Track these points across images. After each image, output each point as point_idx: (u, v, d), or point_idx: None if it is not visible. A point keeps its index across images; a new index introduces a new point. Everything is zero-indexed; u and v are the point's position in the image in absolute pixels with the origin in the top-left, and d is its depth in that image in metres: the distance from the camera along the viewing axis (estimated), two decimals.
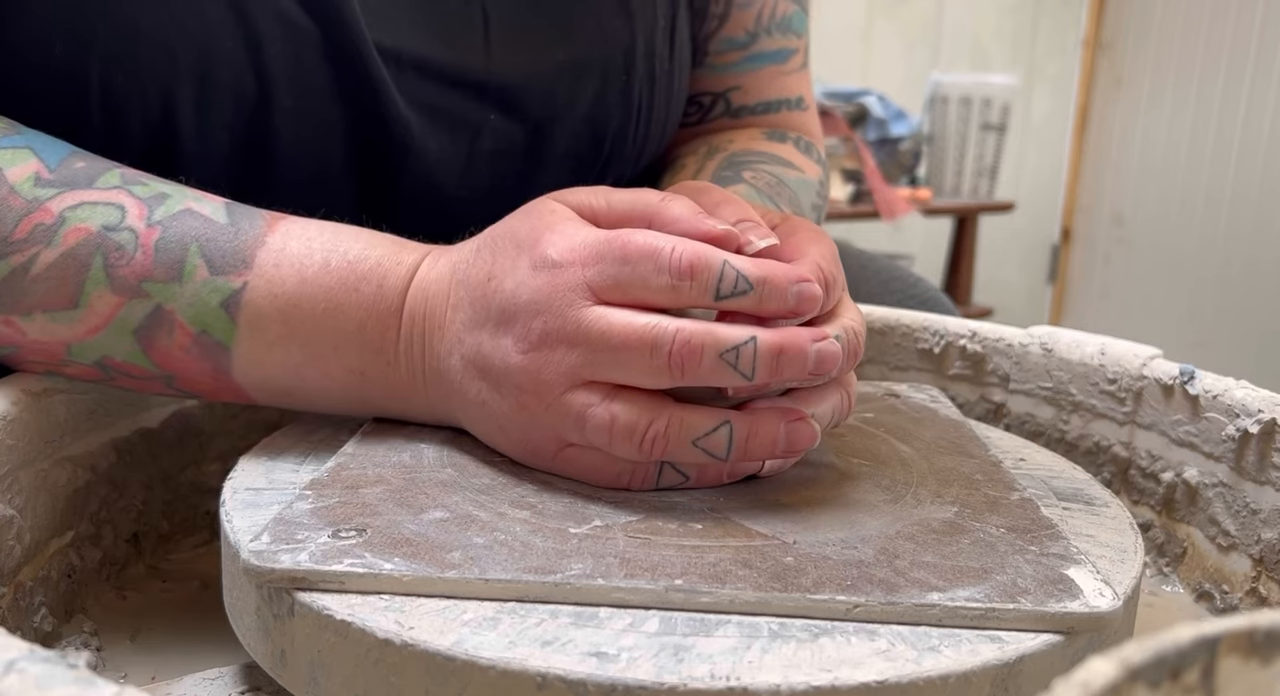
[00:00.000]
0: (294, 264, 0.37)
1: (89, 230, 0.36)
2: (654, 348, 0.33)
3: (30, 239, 0.36)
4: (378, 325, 0.38)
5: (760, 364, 0.33)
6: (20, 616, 0.36)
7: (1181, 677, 0.17)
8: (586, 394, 0.34)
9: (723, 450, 0.34)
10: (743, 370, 0.33)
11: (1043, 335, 0.52)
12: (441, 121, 0.49)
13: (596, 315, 0.33)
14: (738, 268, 0.34)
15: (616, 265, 0.33)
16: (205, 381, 0.38)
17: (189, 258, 0.36)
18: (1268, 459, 0.41)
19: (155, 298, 0.36)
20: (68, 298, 0.36)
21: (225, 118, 0.44)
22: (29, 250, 0.36)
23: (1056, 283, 3.14)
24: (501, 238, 0.37)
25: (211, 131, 0.44)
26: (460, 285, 0.37)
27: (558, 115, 0.52)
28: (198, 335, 0.37)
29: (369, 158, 0.48)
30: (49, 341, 0.37)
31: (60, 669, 0.18)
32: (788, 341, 0.33)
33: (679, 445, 0.34)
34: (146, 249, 0.36)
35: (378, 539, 0.30)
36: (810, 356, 0.33)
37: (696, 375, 0.33)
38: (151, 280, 0.36)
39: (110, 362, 0.37)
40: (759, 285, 0.34)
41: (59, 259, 0.36)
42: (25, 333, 0.37)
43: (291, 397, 0.39)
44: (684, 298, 0.34)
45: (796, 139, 0.64)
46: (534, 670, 0.25)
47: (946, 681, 0.26)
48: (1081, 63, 3.00)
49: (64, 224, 0.36)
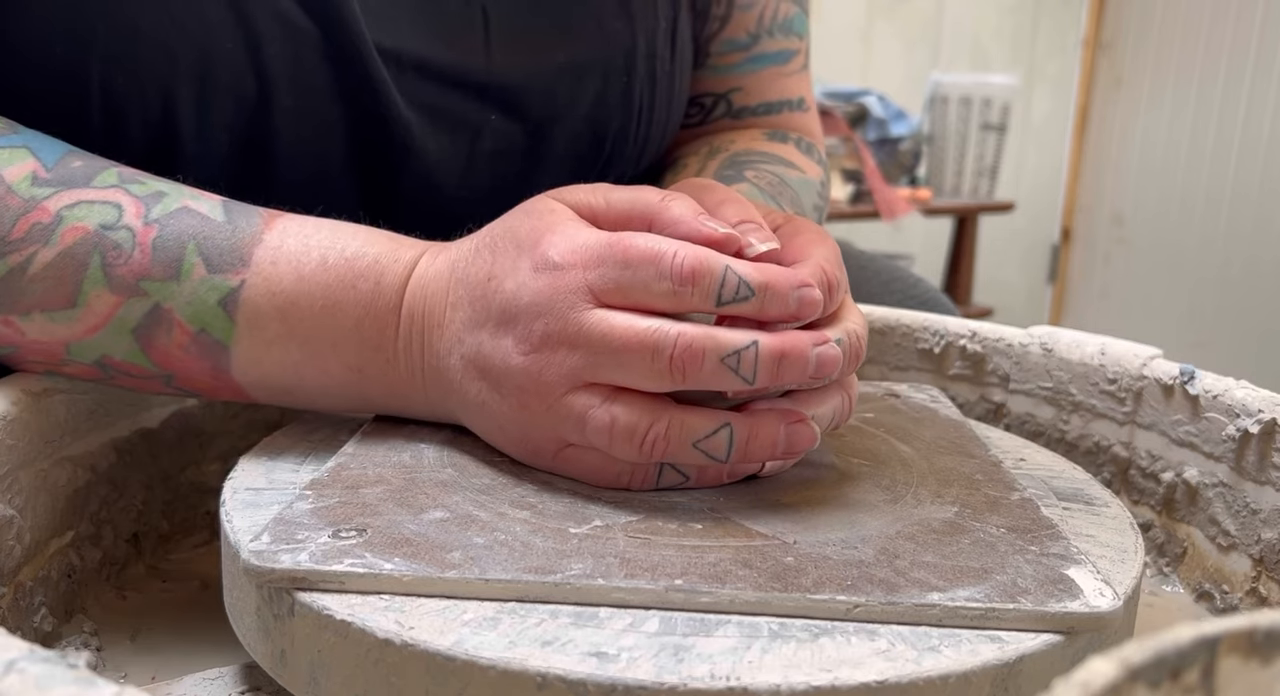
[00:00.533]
0: (291, 261, 0.37)
1: (86, 229, 0.36)
2: (655, 351, 0.33)
3: (28, 238, 0.36)
4: (376, 323, 0.38)
5: (761, 368, 0.33)
6: (20, 616, 0.36)
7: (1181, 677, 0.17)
8: (587, 396, 0.34)
9: (723, 452, 0.34)
10: (744, 374, 0.33)
11: (1043, 335, 0.52)
12: (442, 122, 0.49)
13: (598, 318, 0.33)
14: (739, 273, 0.33)
15: (618, 269, 0.33)
16: (204, 380, 0.38)
17: (187, 256, 0.36)
18: (1268, 459, 0.41)
19: (153, 296, 0.36)
20: (66, 297, 0.36)
21: (225, 118, 0.44)
22: (26, 250, 0.36)
23: (1056, 283, 3.14)
24: (501, 237, 0.37)
25: (212, 132, 0.44)
26: (460, 284, 0.37)
27: (558, 116, 0.52)
28: (196, 334, 0.37)
29: (369, 158, 0.48)
30: (48, 341, 0.37)
31: (60, 669, 0.18)
32: (789, 346, 0.33)
33: (679, 447, 0.34)
34: (144, 247, 0.36)
35: (378, 539, 0.30)
36: (811, 360, 0.33)
37: (697, 379, 0.33)
38: (149, 279, 0.36)
39: (109, 362, 0.37)
40: (761, 291, 0.33)
41: (57, 258, 0.36)
42: (24, 332, 0.37)
43: (291, 396, 0.39)
44: (685, 303, 0.34)
45: (798, 140, 0.64)
46: (534, 670, 0.25)
47: (946, 681, 0.26)
48: (1081, 63, 3.00)
49: (61, 223, 0.36)
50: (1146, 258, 2.88)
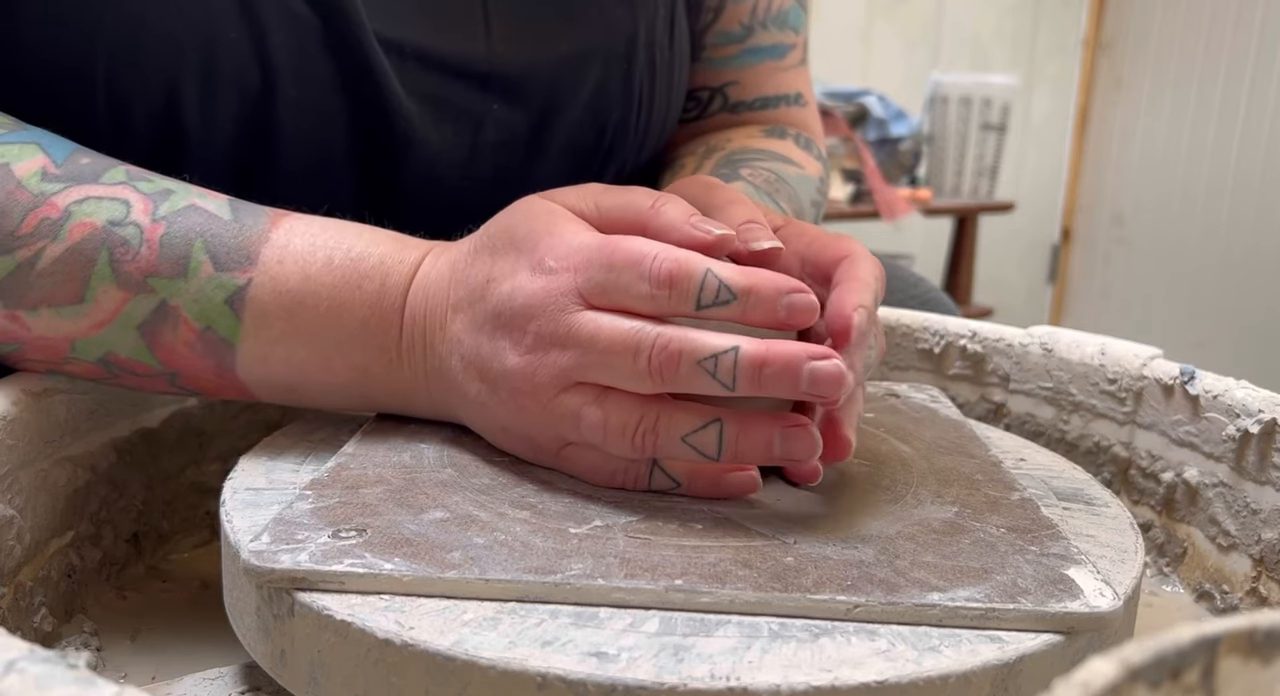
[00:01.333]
0: (298, 260, 0.37)
1: (94, 225, 0.36)
2: (636, 352, 0.33)
3: (36, 233, 0.36)
4: (381, 323, 0.38)
5: (741, 375, 0.32)
6: (20, 616, 0.36)
7: (1181, 677, 0.17)
8: (580, 394, 0.34)
9: (713, 448, 0.34)
10: (721, 378, 0.32)
11: (1043, 335, 0.52)
12: (444, 112, 0.49)
13: (587, 320, 0.34)
14: (720, 277, 0.33)
15: (603, 272, 0.34)
16: (209, 378, 0.38)
17: (194, 254, 0.37)
18: (1268, 459, 0.41)
19: (160, 293, 0.36)
20: (74, 292, 0.36)
21: (230, 109, 0.44)
22: (35, 245, 0.36)
23: (1056, 283, 3.14)
24: (499, 238, 0.37)
25: (216, 123, 0.44)
26: (460, 285, 0.37)
27: (560, 105, 0.52)
28: (202, 331, 0.37)
29: (371, 149, 0.48)
30: (53, 337, 0.37)
31: (60, 669, 0.18)
32: (773, 355, 0.32)
33: (668, 441, 0.34)
34: (152, 244, 0.36)
35: (378, 539, 0.30)
36: (803, 374, 0.32)
37: (676, 381, 0.33)
38: (157, 276, 0.36)
39: (114, 359, 0.37)
40: (744, 295, 0.33)
41: (65, 253, 0.36)
42: (30, 328, 0.37)
43: (295, 394, 0.39)
44: (664, 306, 0.33)
45: (796, 135, 0.64)
46: (534, 670, 0.25)
47: (946, 681, 0.26)
48: (1081, 63, 3.00)
49: (70, 218, 0.36)
50: (1146, 257, 2.88)
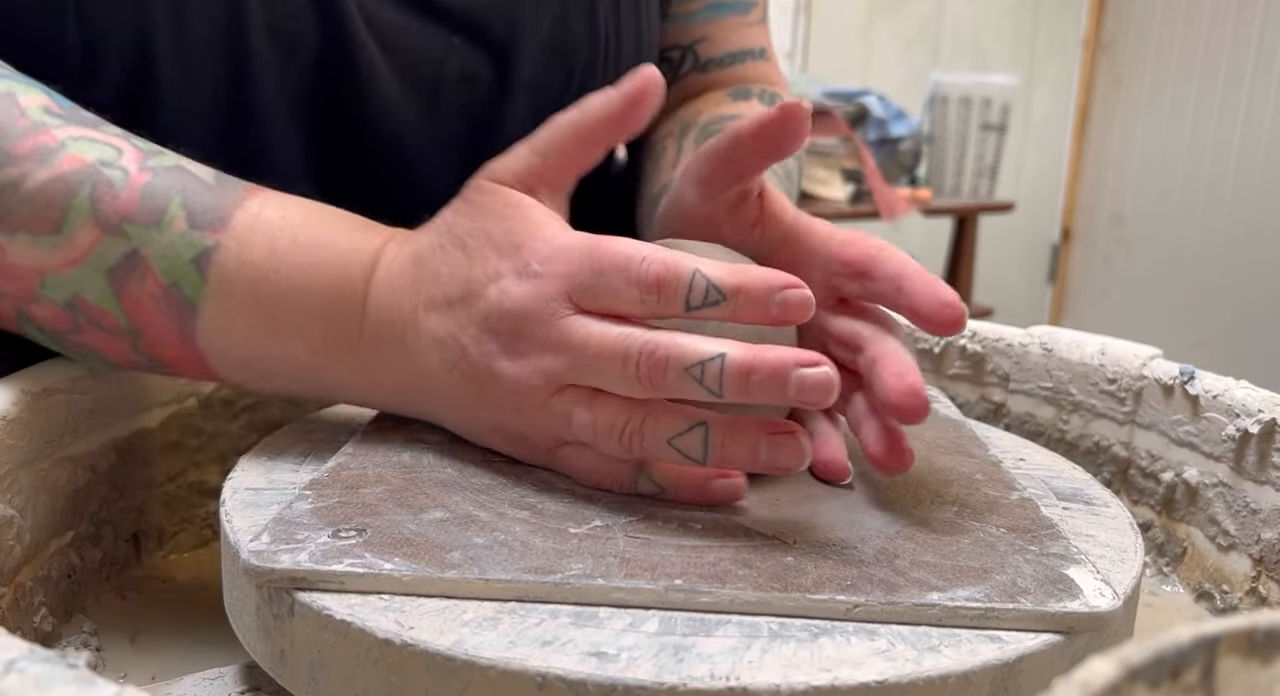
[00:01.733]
0: (266, 232, 0.37)
1: (84, 160, 0.37)
2: (624, 358, 0.33)
3: (30, 156, 0.36)
4: (341, 311, 0.38)
5: (728, 382, 0.32)
6: (20, 616, 0.36)
7: (1181, 677, 0.17)
8: (573, 396, 0.34)
9: (698, 452, 0.33)
10: (709, 386, 0.32)
11: (1043, 335, 0.52)
12: (407, 51, 0.50)
13: (577, 324, 0.34)
14: (709, 277, 0.33)
15: (591, 276, 0.33)
16: (171, 344, 0.38)
17: (171, 207, 0.37)
18: (1268, 459, 0.41)
19: (133, 241, 0.37)
20: (52, 222, 0.36)
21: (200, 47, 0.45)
22: (25, 166, 0.36)
23: (1056, 283, 3.14)
24: (474, 237, 0.36)
25: (188, 62, 0.45)
26: (431, 281, 0.37)
27: (520, 40, 0.53)
28: (168, 287, 0.37)
29: (335, 90, 0.49)
30: (26, 266, 0.37)
31: (60, 669, 0.18)
32: (760, 362, 0.31)
33: (654, 443, 0.33)
34: (133, 190, 0.37)
35: (378, 539, 0.30)
36: (791, 382, 0.31)
37: (664, 387, 0.33)
38: (132, 222, 0.36)
39: (81, 303, 0.37)
40: (733, 295, 0.33)
41: (50, 180, 0.36)
42: (6, 252, 0.37)
43: (254, 372, 0.39)
44: (653, 309, 0.33)
45: (760, 92, 0.65)
46: (534, 670, 0.25)
47: (946, 681, 0.26)
48: (1081, 63, 3.00)
49: (63, 149, 0.37)
50: (1146, 258, 2.88)
